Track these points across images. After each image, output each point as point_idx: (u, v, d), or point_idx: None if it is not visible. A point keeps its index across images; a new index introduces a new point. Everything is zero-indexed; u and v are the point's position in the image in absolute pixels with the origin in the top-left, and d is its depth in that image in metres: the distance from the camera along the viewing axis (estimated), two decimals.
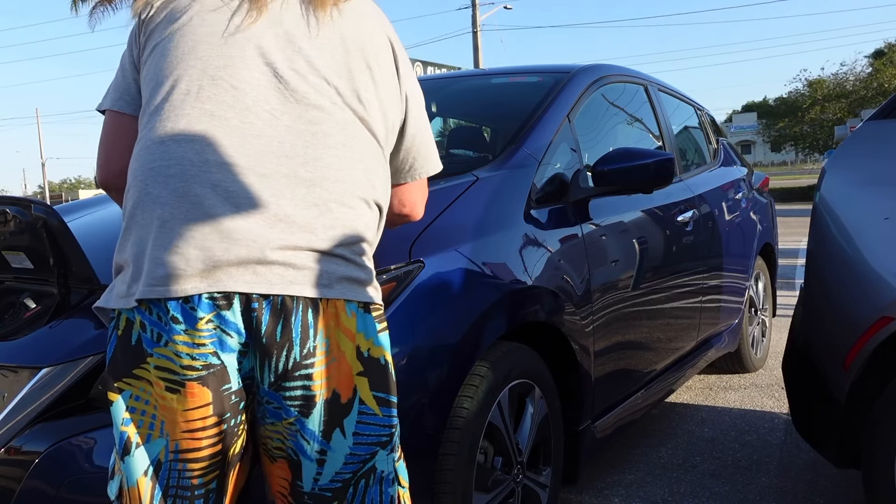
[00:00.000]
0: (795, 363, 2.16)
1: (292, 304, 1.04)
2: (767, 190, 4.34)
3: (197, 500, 1.10)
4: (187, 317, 1.02)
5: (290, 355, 1.05)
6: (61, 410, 1.44)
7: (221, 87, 1.08)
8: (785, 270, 6.59)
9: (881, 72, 27.87)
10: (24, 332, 1.57)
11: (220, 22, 1.12)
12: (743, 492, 2.52)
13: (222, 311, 1.02)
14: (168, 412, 1.06)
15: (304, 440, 1.08)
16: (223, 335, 1.03)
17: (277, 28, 1.12)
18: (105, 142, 1.20)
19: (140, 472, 1.08)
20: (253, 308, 1.03)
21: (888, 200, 1.82)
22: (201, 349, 1.03)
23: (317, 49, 1.12)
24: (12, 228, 1.65)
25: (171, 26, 1.14)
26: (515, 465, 1.89)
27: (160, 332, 1.03)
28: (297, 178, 1.06)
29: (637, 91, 3.05)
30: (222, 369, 1.05)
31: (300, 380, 1.06)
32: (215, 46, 1.10)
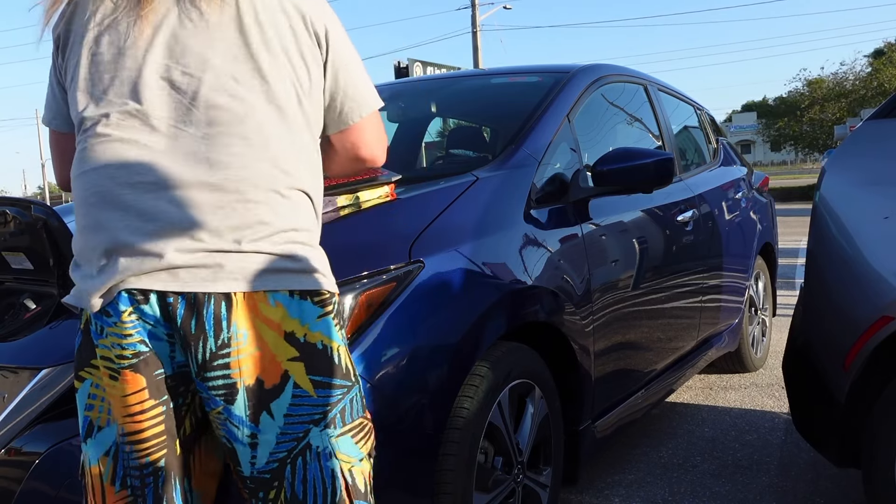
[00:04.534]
0: (795, 363, 2.16)
1: (204, 299, 1.09)
2: (767, 189, 4.34)
3: (147, 479, 1.16)
4: (114, 311, 1.10)
5: (206, 347, 1.10)
6: (61, 411, 1.44)
7: (128, 111, 1.11)
8: (785, 270, 6.59)
9: (881, 71, 27.88)
10: (25, 333, 1.57)
11: (115, 43, 1.14)
12: (743, 492, 2.52)
13: (140, 305, 1.10)
14: (113, 399, 1.14)
15: (233, 426, 1.13)
16: (148, 326, 1.11)
17: (165, 32, 1.13)
18: (52, 155, 1.31)
19: (100, 453, 1.17)
20: (168, 303, 1.09)
21: (888, 200, 1.82)
22: (129, 339, 1.11)
23: (206, 40, 1.12)
24: (12, 229, 1.65)
25: (78, 49, 1.16)
26: (516, 465, 1.89)
27: (102, 325, 1.12)
28: (204, 185, 1.09)
29: (637, 91, 3.05)
30: (152, 356, 1.12)
31: (219, 369, 1.11)
32: (115, 71, 1.13)
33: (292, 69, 1.15)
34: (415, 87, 3.27)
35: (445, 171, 2.20)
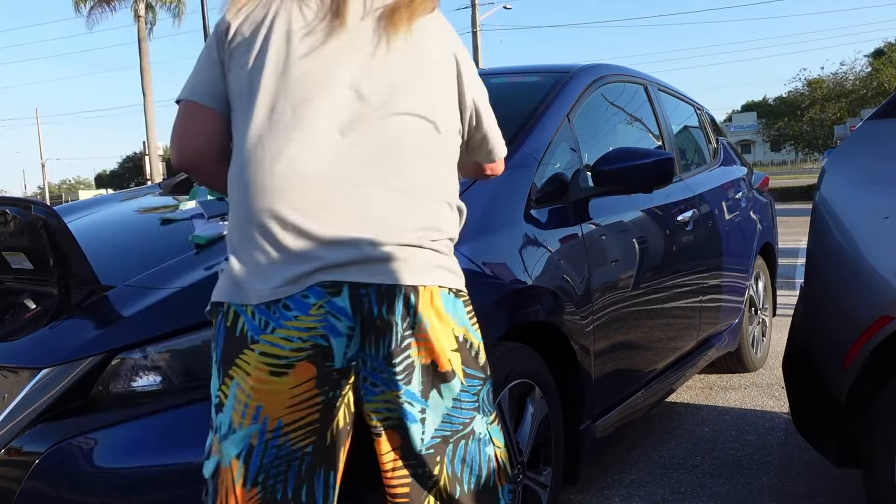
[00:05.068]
0: (795, 363, 2.16)
1: (395, 291, 1.19)
2: (767, 189, 4.34)
3: (293, 464, 1.22)
4: (299, 304, 1.16)
5: (396, 334, 1.20)
6: (61, 411, 1.44)
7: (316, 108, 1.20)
8: (785, 270, 6.59)
9: (881, 71, 27.87)
10: (25, 333, 1.57)
11: (307, 43, 1.24)
12: (743, 492, 2.52)
13: (332, 298, 1.17)
14: (269, 395, 1.18)
15: (409, 405, 1.24)
16: (333, 319, 1.17)
17: (357, 50, 1.24)
18: (186, 127, 1.30)
19: (234, 453, 1.21)
20: (360, 294, 1.18)
21: (888, 200, 1.82)
22: (312, 332, 1.16)
23: (392, 68, 1.24)
24: (12, 229, 1.65)
25: (260, 42, 1.25)
26: (516, 465, 1.89)
27: (268, 319, 1.16)
28: (394, 188, 1.21)
29: (637, 91, 3.05)
30: (328, 349, 1.18)
31: (403, 352, 1.22)
32: (306, 70, 1.22)
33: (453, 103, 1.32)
34: None
35: None
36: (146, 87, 23.49)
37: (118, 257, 1.86)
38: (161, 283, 1.59)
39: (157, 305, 1.53)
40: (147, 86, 23.49)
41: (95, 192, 44.39)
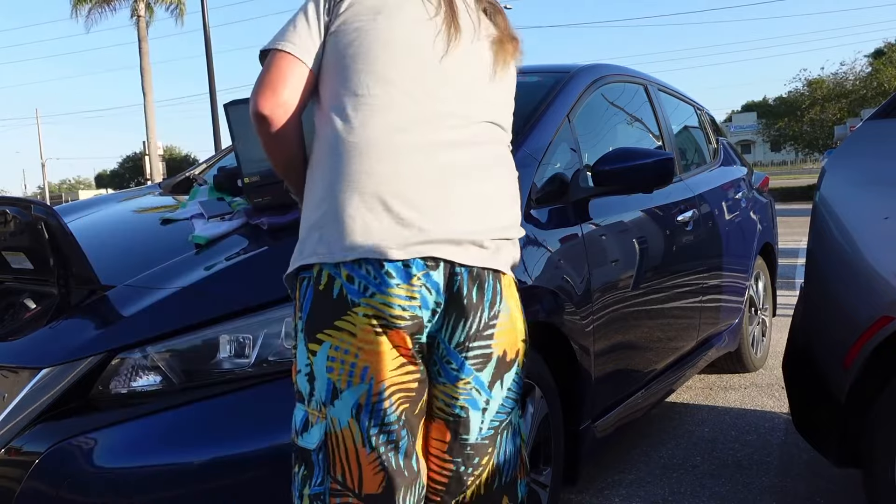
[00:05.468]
0: (795, 363, 2.16)
1: (485, 275, 1.29)
2: (767, 190, 4.34)
3: (402, 431, 1.26)
4: (403, 274, 1.23)
5: (481, 317, 1.28)
6: (61, 411, 1.44)
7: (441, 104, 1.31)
8: (785, 270, 6.59)
9: (881, 71, 27.86)
10: (25, 333, 1.57)
11: (426, 35, 1.34)
12: (743, 492, 2.51)
13: (430, 272, 1.24)
14: (375, 356, 1.23)
15: (476, 393, 1.30)
16: (426, 292, 1.24)
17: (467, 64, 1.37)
18: (282, 77, 1.31)
19: (349, 414, 1.24)
20: (455, 273, 1.26)
21: (888, 200, 1.82)
22: (412, 301, 1.23)
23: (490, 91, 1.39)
24: (12, 229, 1.66)
25: (376, 17, 1.33)
26: None
27: (367, 284, 1.22)
28: (488, 183, 1.33)
29: (637, 91, 3.05)
30: (421, 322, 1.25)
31: (484, 339, 1.29)
32: (422, 63, 1.32)
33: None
34: None
35: None
36: (146, 87, 23.48)
37: (118, 257, 1.86)
38: (161, 283, 1.59)
39: (157, 305, 1.53)
40: (147, 86, 23.48)
41: (95, 192, 44.35)
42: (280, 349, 1.50)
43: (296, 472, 1.28)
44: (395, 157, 1.27)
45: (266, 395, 1.45)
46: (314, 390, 1.25)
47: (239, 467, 1.40)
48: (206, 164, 2.96)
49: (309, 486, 1.26)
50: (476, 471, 1.33)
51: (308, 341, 1.25)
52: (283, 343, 1.51)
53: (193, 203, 2.09)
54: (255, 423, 1.43)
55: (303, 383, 1.27)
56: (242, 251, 1.70)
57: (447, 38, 1.35)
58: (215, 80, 16.30)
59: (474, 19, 1.40)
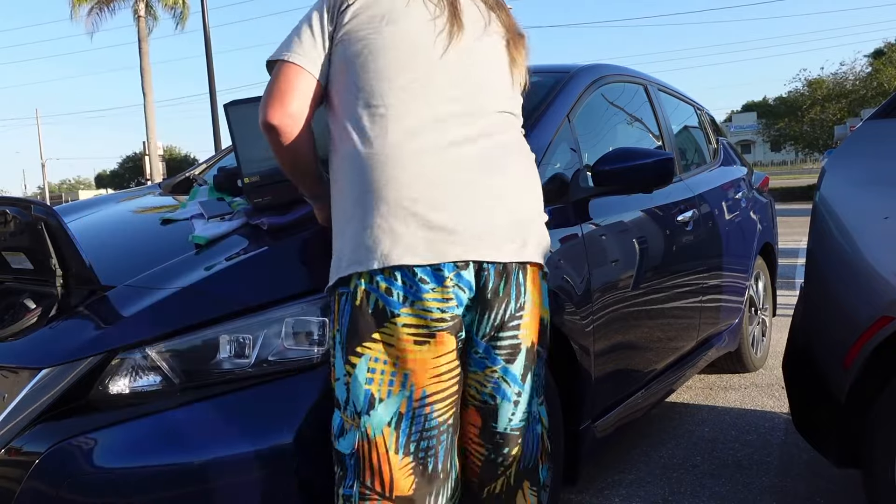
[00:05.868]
0: (795, 363, 2.16)
1: (511, 268, 1.34)
2: (767, 189, 4.34)
3: (442, 436, 1.32)
4: (435, 278, 1.28)
5: (507, 309, 1.34)
6: (62, 411, 1.44)
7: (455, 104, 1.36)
8: (785, 270, 6.59)
9: (881, 71, 27.85)
10: (25, 333, 1.57)
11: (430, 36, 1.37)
12: (743, 492, 2.51)
13: (461, 272, 1.30)
14: (416, 364, 1.29)
15: (505, 384, 1.36)
16: (460, 291, 1.30)
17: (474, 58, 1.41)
18: (291, 87, 1.37)
19: (384, 422, 1.30)
20: (483, 269, 1.32)
21: (888, 200, 1.82)
22: (448, 303, 1.29)
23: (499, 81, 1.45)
24: (12, 229, 1.65)
25: (381, 25, 1.36)
26: None
27: (405, 294, 1.28)
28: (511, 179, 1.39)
29: (637, 91, 3.05)
30: (460, 320, 1.31)
31: (511, 330, 1.35)
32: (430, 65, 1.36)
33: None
34: None
35: None
36: (146, 87, 23.47)
37: (118, 257, 1.86)
38: (161, 283, 1.59)
39: (157, 305, 1.53)
40: (147, 86, 23.47)
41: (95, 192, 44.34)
42: (280, 349, 1.50)
43: (336, 472, 1.37)
44: (414, 162, 1.30)
45: (266, 395, 1.45)
46: (349, 399, 1.32)
47: (239, 467, 1.40)
48: (206, 164, 2.96)
49: (342, 486, 1.35)
50: (507, 461, 1.40)
51: (348, 354, 1.32)
52: (284, 343, 1.51)
53: (193, 203, 2.09)
54: (255, 423, 1.43)
55: (340, 391, 1.35)
56: (242, 251, 1.70)
57: (449, 35, 1.38)
58: (215, 80, 16.30)
59: (483, 13, 1.45)
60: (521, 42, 1.51)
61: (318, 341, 1.51)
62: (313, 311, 1.53)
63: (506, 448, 1.39)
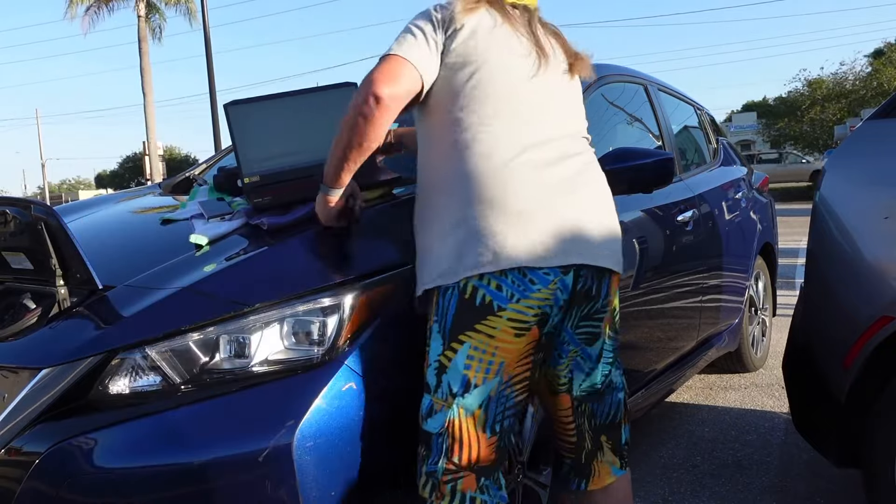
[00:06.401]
0: (795, 363, 2.16)
1: (604, 273, 1.56)
2: (767, 189, 4.34)
3: (516, 416, 1.54)
4: (542, 280, 1.45)
5: (594, 306, 1.58)
6: (62, 411, 1.44)
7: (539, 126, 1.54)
8: (785, 270, 6.59)
9: (881, 71, 27.84)
10: (25, 333, 1.57)
11: (526, 67, 1.56)
12: (743, 492, 2.52)
13: (564, 276, 1.48)
14: (510, 353, 1.47)
15: (582, 360, 1.62)
16: (559, 293, 1.48)
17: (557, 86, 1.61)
18: (398, 76, 1.46)
19: (477, 405, 1.47)
20: (581, 274, 1.51)
21: (888, 200, 1.82)
22: (545, 302, 1.47)
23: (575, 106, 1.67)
24: (12, 229, 1.65)
25: (489, 53, 1.53)
26: (516, 465, 1.89)
27: (513, 291, 1.44)
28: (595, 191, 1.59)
29: (637, 91, 3.05)
30: (548, 317, 1.49)
31: (593, 321, 1.59)
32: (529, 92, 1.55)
33: None
34: None
35: None
36: (146, 87, 23.48)
37: (118, 257, 1.86)
38: (161, 283, 1.59)
39: (157, 305, 1.52)
40: (147, 86, 23.48)
41: (95, 192, 44.34)
42: (280, 349, 1.50)
43: (420, 452, 1.52)
44: (526, 176, 1.48)
45: (266, 395, 1.45)
46: (441, 383, 1.48)
47: (239, 467, 1.40)
48: (206, 164, 2.96)
49: (426, 464, 1.50)
50: (592, 426, 1.66)
51: (449, 341, 1.47)
52: (284, 343, 1.51)
53: (193, 203, 2.09)
54: (255, 423, 1.43)
55: (431, 376, 1.49)
56: (242, 251, 1.70)
57: (538, 67, 1.57)
58: (215, 80, 16.30)
59: (553, 46, 1.64)
60: (583, 64, 1.68)
61: (318, 341, 1.51)
62: (313, 311, 1.53)
63: (589, 418, 1.64)
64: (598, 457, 1.69)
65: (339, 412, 1.46)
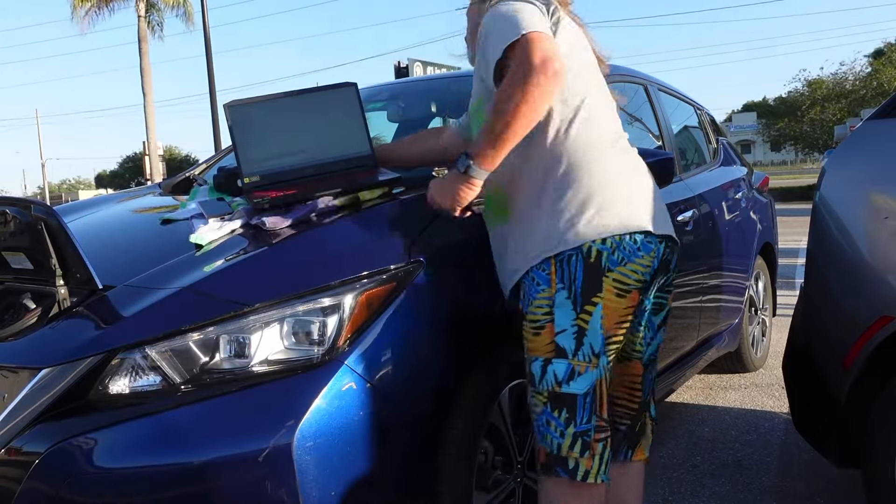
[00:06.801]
0: (795, 363, 2.16)
1: (675, 249, 1.69)
2: (767, 189, 4.34)
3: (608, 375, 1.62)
4: (646, 248, 1.57)
5: (668, 277, 1.70)
6: (61, 411, 1.44)
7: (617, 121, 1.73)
8: (785, 270, 6.58)
9: (881, 71, 27.84)
10: (25, 333, 1.57)
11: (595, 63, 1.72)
12: (743, 492, 2.52)
13: (659, 246, 1.60)
14: (613, 313, 1.56)
15: (645, 329, 1.72)
16: (655, 261, 1.59)
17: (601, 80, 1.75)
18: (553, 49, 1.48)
19: (605, 362, 1.58)
20: (668, 246, 1.63)
21: (888, 200, 1.82)
22: (647, 269, 1.58)
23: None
24: (12, 229, 1.65)
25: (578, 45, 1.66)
26: (516, 465, 1.89)
27: (623, 256, 1.55)
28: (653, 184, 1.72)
29: (637, 91, 3.05)
30: (648, 285, 1.61)
31: (664, 293, 1.72)
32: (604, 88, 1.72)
33: None
34: (415, 87, 3.27)
35: (445, 171, 2.20)
36: (146, 87, 23.47)
37: (118, 257, 1.86)
38: (161, 283, 1.59)
39: (157, 305, 1.52)
40: (147, 86, 23.47)
41: (95, 192, 44.31)
42: (280, 349, 1.50)
43: (554, 417, 1.56)
44: (624, 160, 1.64)
45: (266, 395, 1.45)
46: (583, 345, 1.54)
47: (239, 467, 1.40)
48: (206, 164, 2.96)
49: (573, 425, 1.55)
50: (648, 394, 1.78)
51: (583, 304, 1.54)
52: (284, 343, 1.51)
53: (193, 203, 2.09)
54: (255, 423, 1.43)
55: (567, 341, 1.54)
56: (242, 251, 1.70)
57: (597, 62, 1.73)
58: (215, 80, 16.30)
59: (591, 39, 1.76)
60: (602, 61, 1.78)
61: (318, 341, 1.51)
62: (313, 311, 1.53)
63: (650, 369, 1.76)
64: (644, 429, 1.80)
65: (339, 412, 1.46)
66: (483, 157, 1.52)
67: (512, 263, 1.64)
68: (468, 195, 1.57)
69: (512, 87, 1.46)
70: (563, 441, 1.56)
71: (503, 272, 1.70)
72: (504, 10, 1.55)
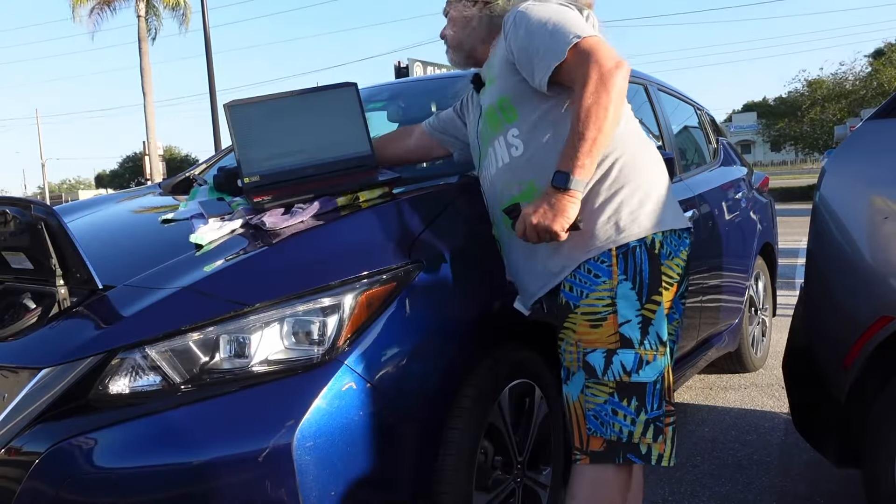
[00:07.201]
0: (795, 363, 2.16)
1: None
2: (767, 189, 4.34)
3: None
4: (684, 243, 1.66)
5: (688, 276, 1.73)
6: (61, 411, 1.44)
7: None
8: (785, 270, 6.58)
9: (881, 72, 27.83)
10: (25, 333, 1.57)
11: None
12: (743, 492, 2.52)
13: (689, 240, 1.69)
14: (667, 303, 1.61)
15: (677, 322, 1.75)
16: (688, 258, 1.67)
17: None
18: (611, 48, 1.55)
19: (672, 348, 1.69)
20: (692, 242, 1.69)
21: (888, 200, 1.82)
22: (685, 263, 1.66)
23: None
24: (12, 229, 1.65)
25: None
26: (516, 465, 1.89)
27: (671, 250, 1.62)
28: None
29: (637, 91, 3.05)
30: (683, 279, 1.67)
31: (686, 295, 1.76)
32: None
33: None
34: (415, 87, 3.27)
35: (445, 171, 2.20)
36: (146, 87, 23.47)
37: (118, 257, 1.86)
38: (161, 283, 1.59)
39: (157, 305, 1.52)
40: (147, 86, 23.47)
41: (95, 192, 44.32)
42: (280, 349, 1.50)
43: (622, 406, 1.57)
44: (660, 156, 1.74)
45: (266, 395, 1.45)
46: (648, 334, 1.57)
47: (239, 467, 1.40)
48: (206, 164, 2.96)
49: (644, 412, 1.57)
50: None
51: (649, 294, 1.57)
52: (284, 343, 1.51)
53: (193, 203, 2.09)
54: (255, 423, 1.43)
55: (633, 331, 1.56)
56: (242, 251, 1.70)
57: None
58: (215, 80, 16.30)
59: None
60: None
61: (318, 341, 1.51)
62: (313, 311, 1.53)
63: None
64: None
65: (339, 412, 1.46)
66: (581, 168, 1.51)
67: (553, 264, 1.63)
68: (574, 210, 1.53)
69: (597, 93, 1.50)
70: (635, 429, 1.58)
71: (531, 274, 1.68)
72: (545, 14, 1.61)
